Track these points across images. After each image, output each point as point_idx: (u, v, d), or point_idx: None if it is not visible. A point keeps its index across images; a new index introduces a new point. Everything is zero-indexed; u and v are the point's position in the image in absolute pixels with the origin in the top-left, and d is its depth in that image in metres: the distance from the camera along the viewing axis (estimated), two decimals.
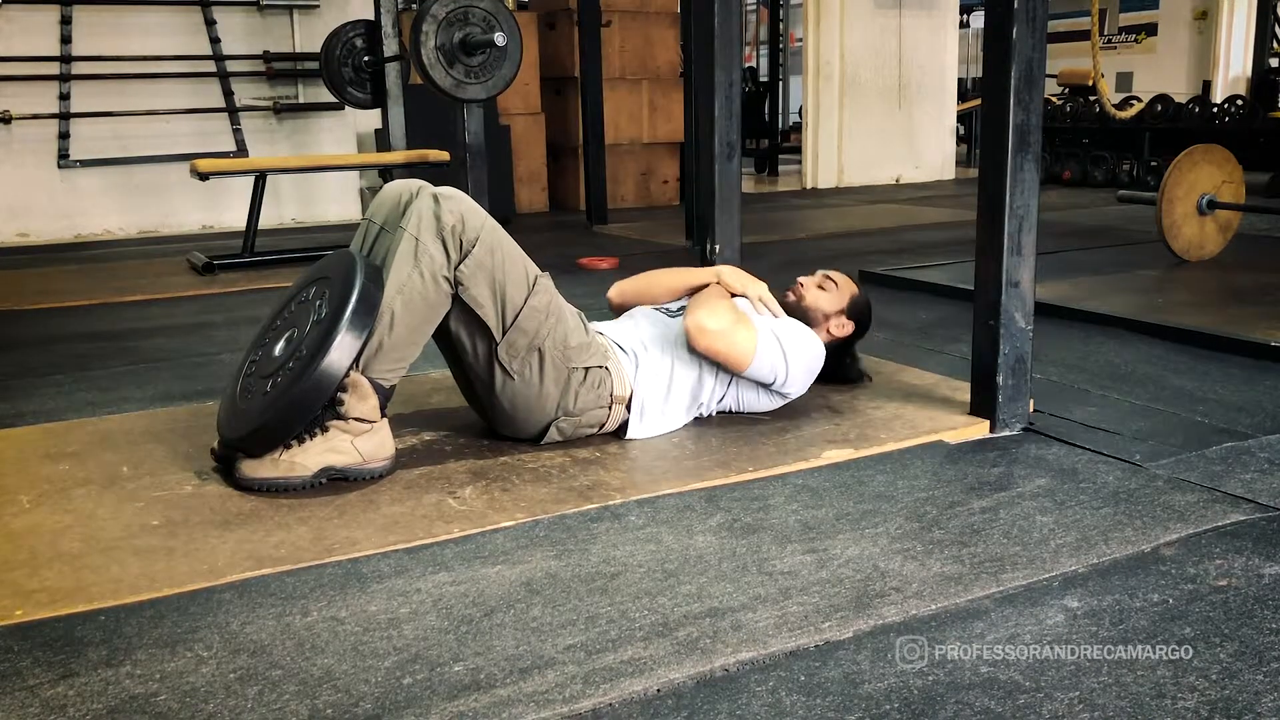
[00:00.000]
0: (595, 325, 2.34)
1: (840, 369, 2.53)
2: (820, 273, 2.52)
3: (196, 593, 1.59)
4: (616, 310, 2.55)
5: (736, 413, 2.37)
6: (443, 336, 2.13)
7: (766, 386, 2.30)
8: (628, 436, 2.25)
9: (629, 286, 2.55)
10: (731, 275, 2.42)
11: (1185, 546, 1.71)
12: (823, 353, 2.38)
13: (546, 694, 1.31)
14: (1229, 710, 1.26)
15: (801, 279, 2.50)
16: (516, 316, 2.06)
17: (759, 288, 2.41)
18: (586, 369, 2.15)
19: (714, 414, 2.37)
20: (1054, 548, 1.71)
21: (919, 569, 1.64)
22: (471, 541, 1.76)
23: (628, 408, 2.23)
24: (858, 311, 2.50)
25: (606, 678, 1.34)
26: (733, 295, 2.37)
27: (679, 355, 2.27)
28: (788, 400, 2.38)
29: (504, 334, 2.07)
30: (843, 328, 2.47)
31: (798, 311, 2.43)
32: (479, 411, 2.28)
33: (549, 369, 2.11)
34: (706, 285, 2.40)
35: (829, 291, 2.47)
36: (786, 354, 2.27)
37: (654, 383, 2.24)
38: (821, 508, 1.89)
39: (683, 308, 2.39)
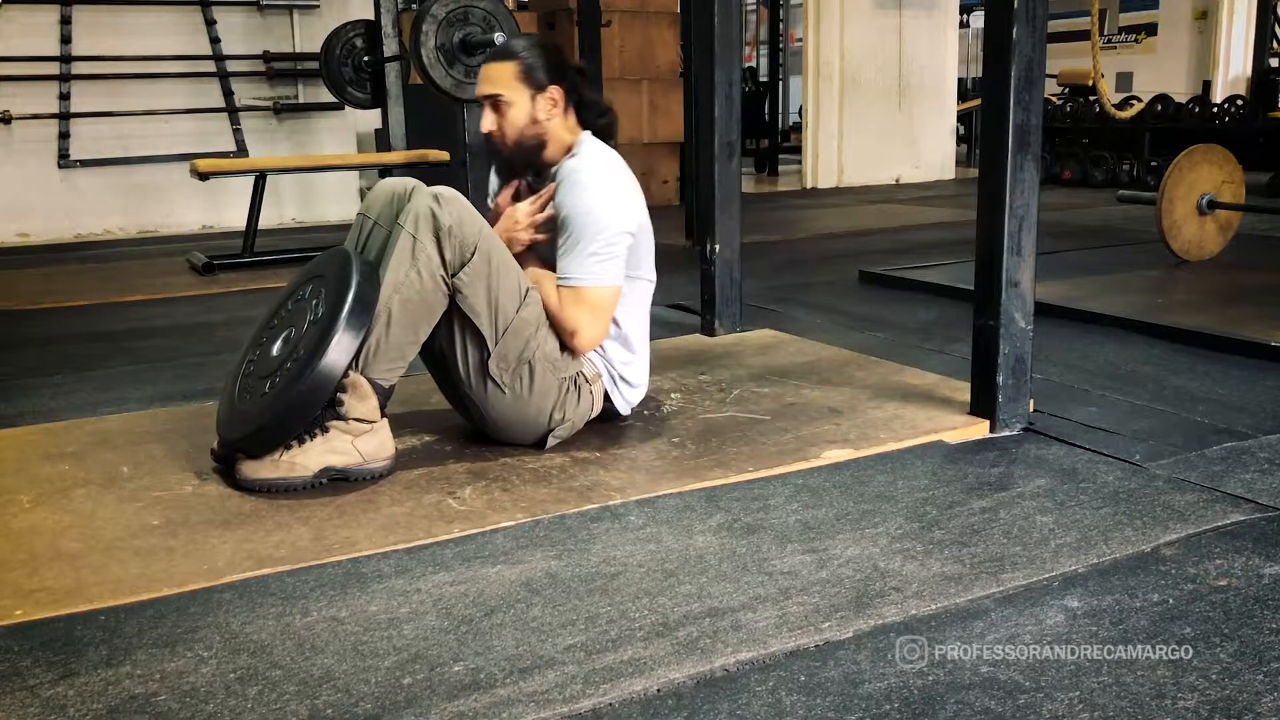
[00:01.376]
0: None
1: (595, 113, 2.28)
2: (480, 95, 2.22)
3: (196, 593, 1.59)
4: None
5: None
6: (430, 350, 2.11)
7: (637, 256, 2.21)
8: (619, 411, 2.28)
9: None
10: (508, 239, 2.17)
11: (1185, 546, 1.71)
12: (600, 176, 2.15)
13: (546, 694, 1.31)
14: (1229, 710, 1.26)
15: (481, 127, 2.23)
16: (508, 327, 2.06)
17: (522, 224, 2.19)
18: (573, 377, 2.16)
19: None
20: (1054, 548, 1.71)
21: (919, 569, 1.64)
22: (471, 541, 1.76)
23: (601, 380, 2.24)
24: (544, 69, 2.17)
25: (606, 678, 1.34)
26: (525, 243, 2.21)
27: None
28: (647, 224, 2.24)
29: (496, 344, 2.06)
30: (554, 101, 2.18)
31: (524, 152, 2.20)
32: (468, 420, 2.27)
33: (539, 382, 2.10)
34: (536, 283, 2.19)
35: (508, 104, 2.17)
36: (605, 240, 2.12)
37: (596, 354, 2.24)
38: (821, 508, 1.89)
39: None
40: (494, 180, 2.41)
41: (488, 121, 2.20)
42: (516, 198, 2.29)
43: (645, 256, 2.28)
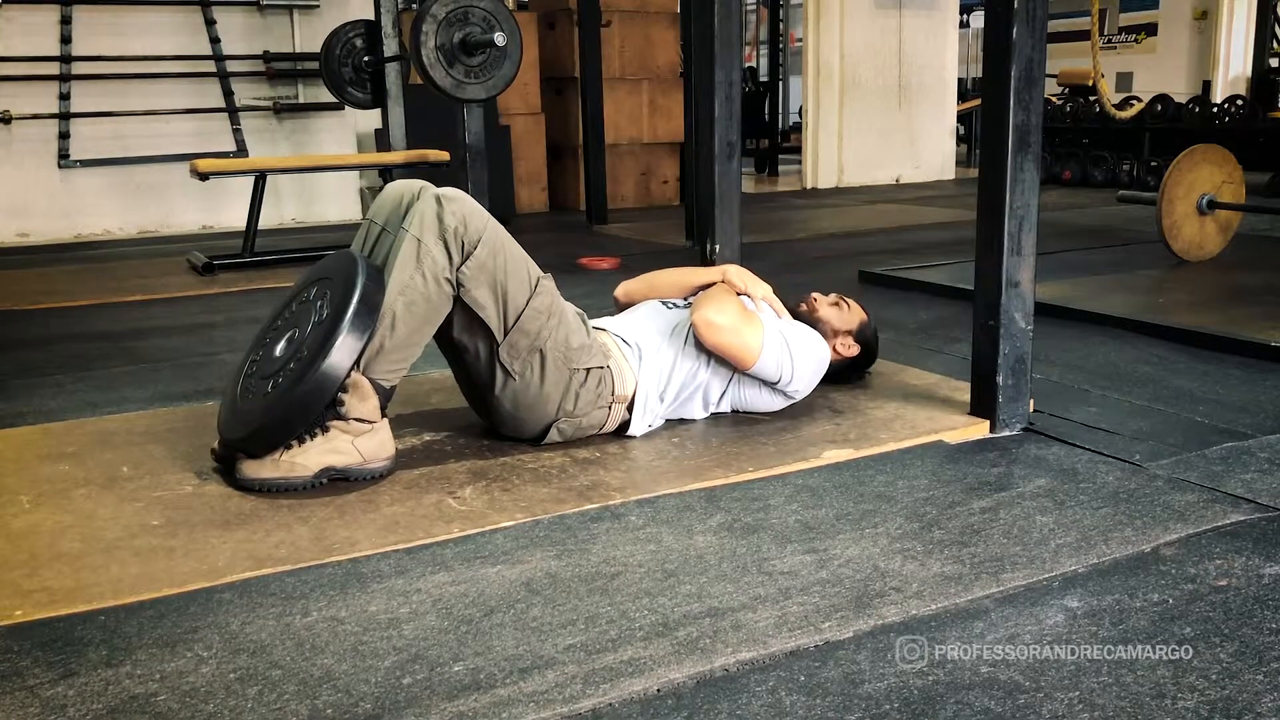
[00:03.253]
0: (599, 321, 2.34)
1: (846, 376, 2.58)
2: (836, 294, 2.56)
3: (196, 593, 1.59)
4: (621, 308, 2.56)
5: (739, 412, 2.37)
6: (444, 337, 2.13)
7: (771, 385, 2.30)
8: (629, 433, 2.25)
9: (635, 285, 2.57)
10: (737, 274, 2.43)
11: (1185, 546, 1.71)
12: (828, 357, 2.40)
13: (546, 694, 1.31)
14: (1229, 710, 1.26)
15: (815, 294, 2.53)
16: (518, 318, 2.06)
17: (764, 288, 2.43)
18: (588, 370, 2.15)
19: (713, 413, 2.37)
20: (1054, 548, 1.71)
21: (919, 569, 1.64)
22: (471, 541, 1.76)
23: (629, 408, 2.23)
24: (865, 337, 2.53)
25: (606, 678, 1.34)
26: (738, 294, 2.38)
27: (681, 348, 2.27)
28: (791, 401, 2.38)
29: (505, 335, 2.07)
30: (849, 348, 2.50)
31: (808, 322, 2.45)
32: (479, 411, 2.28)
33: (550, 370, 2.11)
34: (712, 284, 2.41)
35: (841, 311, 2.50)
36: (793, 353, 2.28)
37: (655, 375, 2.25)
38: (821, 508, 1.89)
39: (689, 303, 2.40)
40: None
41: (822, 297, 2.52)
42: None
43: (753, 396, 2.35)
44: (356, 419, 1.99)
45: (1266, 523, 1.80)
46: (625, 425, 2.25)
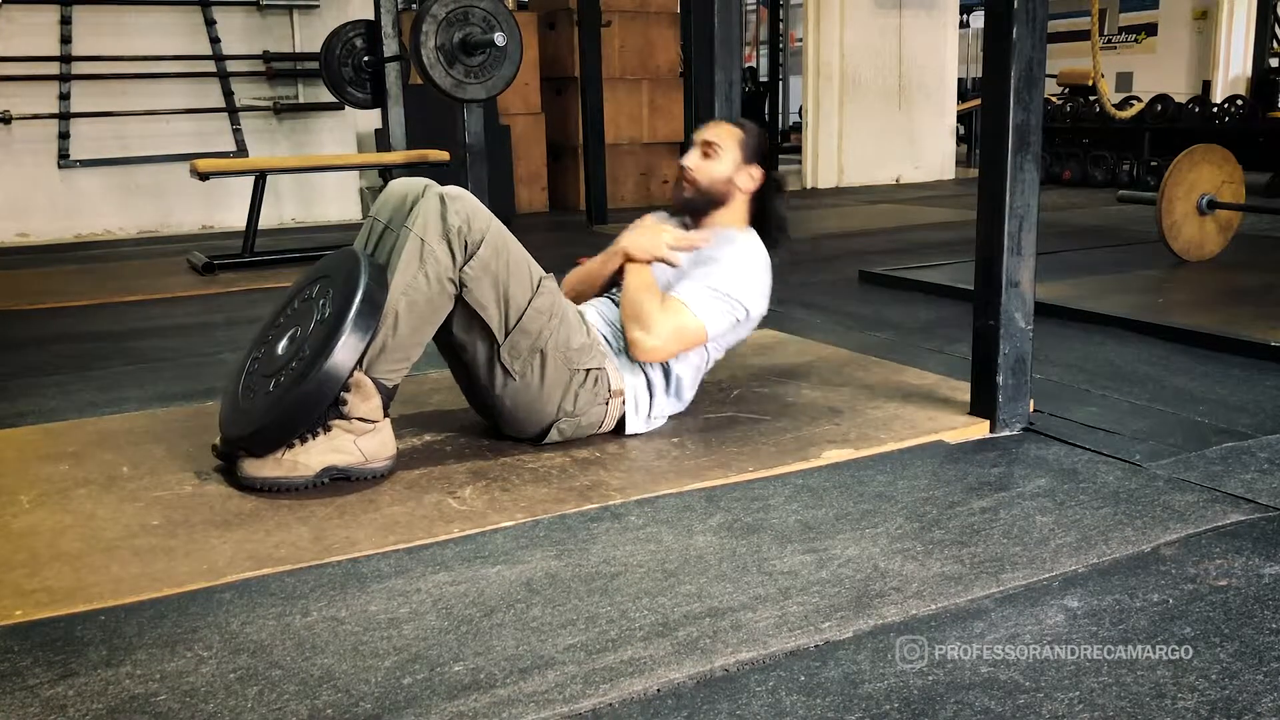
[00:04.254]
0: (579, 306, 2.30)
1: (772, 219, 2.40)
2: (698, 139, 2.37)
3: (196, 593, 1.59)
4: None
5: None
6: (444, 338, 2.13)
7: (738, 323, 2.28)
8: (628, 431, 2.25)
9: (569, 290, 2.44)
10: (635, 246, 2.27)
11: (1185, 546, 1.71)
12: (757, 256, 2.30)
13: (546, 694, 1.31)
14: (1229, 710, 1.26)
15: (684, 161, 2.35)
16: (520, 318, 2.06)
17: (663, 240, 2.26)
18: (588, 370, 2.15)
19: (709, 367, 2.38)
20: (1054, 548, 1.71)
21: (919, 569, 1.64)
22: (471, 541, 1.76)
23: (623, 402, 2.23)
24: (755, 150, 2.36)
25: (606, 678, 1.34)
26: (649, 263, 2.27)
27: None
28: (762, 314, 2.33)
29: (506, 335, 2.07)
30: (752, 179, 2.35)
31: (705, 199, 2.33)
32: (479, 411, 2.28)
33: (550, 370, 2.11)
34: (619, 269, 2.29)
35: (717, 155, 2.33)
36: (730, 295, 2.22)
37: (635, 375, 2.25)
38: (821, 508, 1.89)
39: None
40: (653, 216, 2.46)
41: (693, 158, 2.34)
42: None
43: (728, 344, 2.35)
44: (359, 418, 1.99)
45: (1266, 523, 1.80)
46: (623, 422, 2.25)
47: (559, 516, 1.86)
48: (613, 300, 2.36)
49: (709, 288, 2.22)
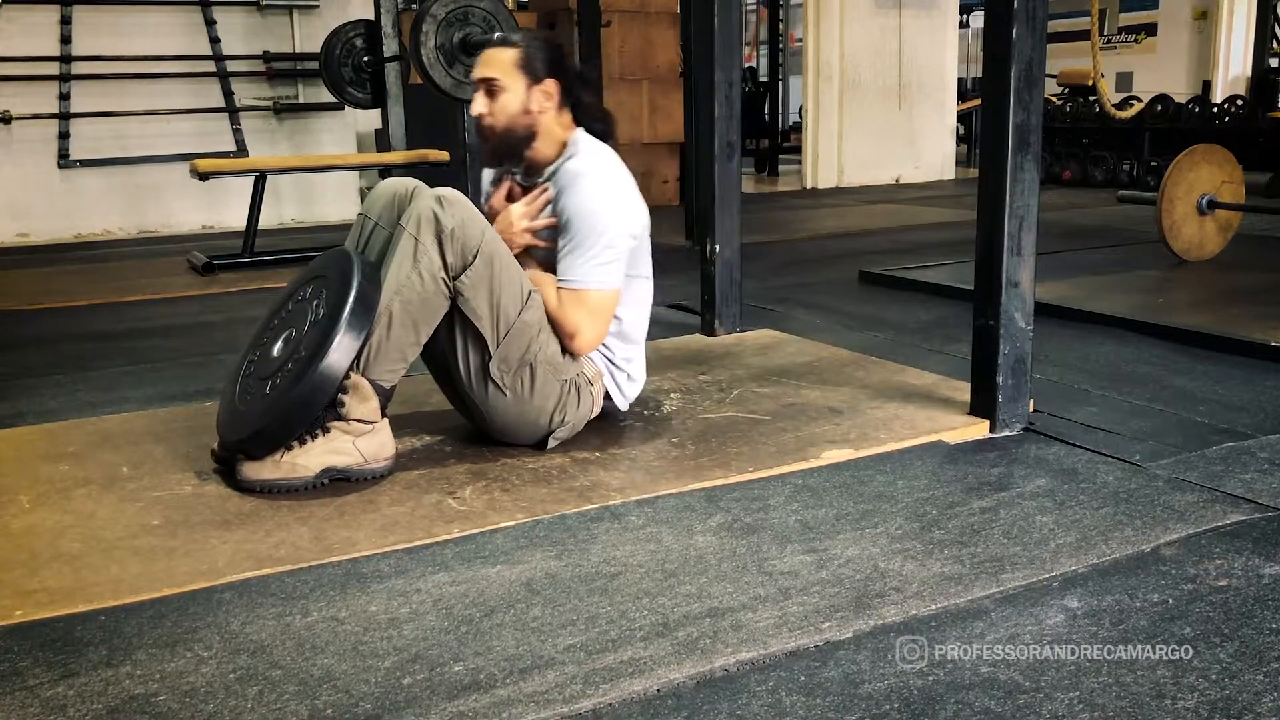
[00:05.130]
0: None
1: (594, 117, 2.27)
2: (476, 79, 2.20)
3: (196, 593, 1.59)
4: None
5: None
6: (431, 351, 2.12)
7: (639, 262, 2.25)
8: (618, 405, 2.29)
9: None
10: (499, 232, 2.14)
11: (1185, 546, 1.71)
12: (602, 178, 2.17)
13: (546, 694, 1.31)
14: (1229, 710, 1.26)
15: (473, 109, 2.20)
16: (510, 329, 2.05)
17: (519, 227, 2.17)
18: (573, 379, 2.16)
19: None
20: (1054, 548, 1.71)
21: (919, 569, 1.64)
22: (471, 541, 1.76)
23: (603, 380, 2.25)
24: (543, 62, 2.16)
25: (606, 678, 1.34)
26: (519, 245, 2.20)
27: None
28: (647, 225, 2.26)
29: (497, 347, 2.05)
30: (548, 94, 2.17)
31: (511, 141, 2.18)
32: (470, 420, 2.28)
33: (540, 384, 2.10)
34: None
35: (501, 89, 2.14)
36: (606, 244, 2.13)
37: (601, 355, 2.26)
38: (821, 508, 1.89)
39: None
40: (487, 176, 2.39)
41: (479, 104, 2.17)
42: (510, 198, 2.26)
43: (644, 256, 2.31)
44: (357, 419, 1.99)
45: (1266, 523, 1.80)
46: (611, 407, 2.28)
47: (559, 516, 1.86)
48: None
49: (585, 253, 2.11)
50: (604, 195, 2.16)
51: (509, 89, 2.15)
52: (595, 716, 1.27)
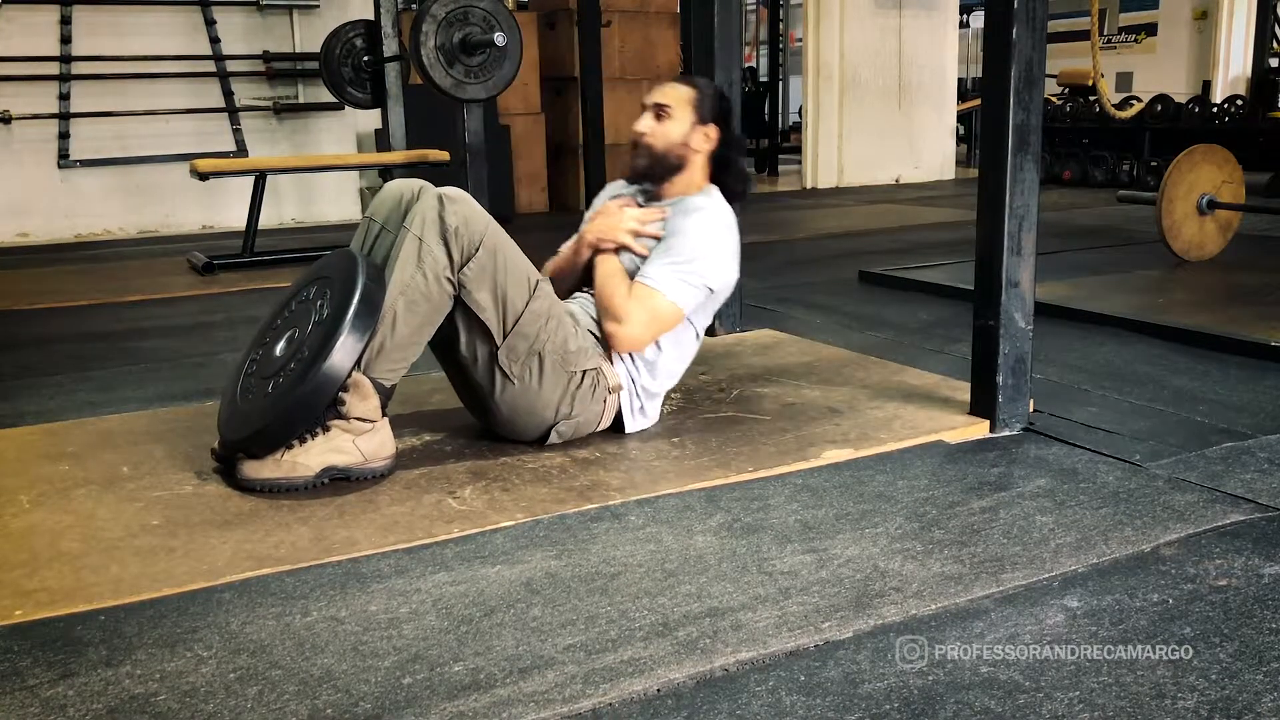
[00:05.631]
0: (565, 304, 2.26)
1: (734, 175, 2.35)
2: (650, 103, 2.30)
3: (196, 593, 1.59)
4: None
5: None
6: (441, 343, 2.12)
7: (711, 296, 2.27)
8: (626, 427, 2.26)
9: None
10: (598, 236, 2.26)
11: (1185, 546, 1.71)
12: (721, 223, 2.25)
13: (546, 694, 1.31)
14: (1229, 710, 1.26)
15: (637, 126, 2.29)
16: (517, 320, 2.06)
17: (625, 227, 2.25)
18: (584, 371, 2.15)
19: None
20: (1054, 548, 1.71)
21: (919, 569, 1.64)
22: (471, 541, 1.76)
23: (619, 397, 2.23)
24: (710, 109, 2.29)
25: (606, 678, 1.34)
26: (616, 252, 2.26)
27: None
28: (730, 285, 2.31)
29: (505, 338, 2.06)
30: (708, 138, 2.29)
31: (661, 164, 2.28)
32: (477, 416, 2.28)
33: (548, 373, 2.11)
34: (588, 261, 2.28)
35: (670, 117, 2.26)
36: (697, 271, 2.19)
37: (625, 366, 2.25)
38: (821, 508, 1.89)
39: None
40: (609, 191, 2.45)
41: (645, 124, 2.28)
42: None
43: (709, 313, 2.33)
44: (357, 418, 1.99)
45: (1266, 523, 1.80)
46: (620, 418, 2.25)
47: (559, 516, 1.86)
48: (591, 295, 2.32)
49: (673, 265, 2.18)
50: (712, 234, 2.24)
51: (676, 119, 2.27)
52: (595, 716, 1.28)
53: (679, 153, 2.28)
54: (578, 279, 2.35)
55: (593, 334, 2.25)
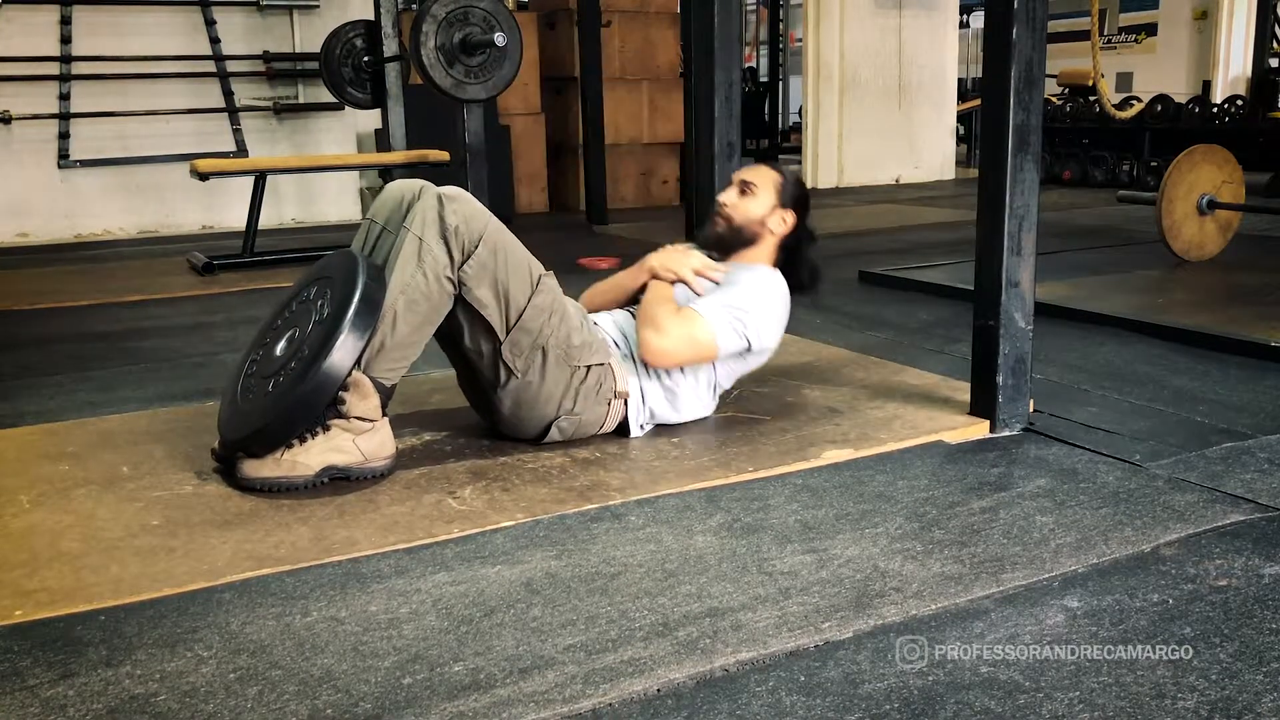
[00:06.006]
0: (594, 317, 2.34)
1: (803, 265, 2.45)
2: (736, 178, 2.41)
3: (196, 593, 1.59)
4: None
5: (731, 390, 2.38)
6: (446, 337, 2.13)
7: (748, 350, 2.28)
8: (631, 435, 2.25)
9: (589, 302, 2.49)
10: (662, 264, 2.33)
11: (1185, 546, 1.71)
12: (777, 290, 2.31)
13: (546, 694, 1.31)
14: (1229, 710, 1.26)
15: (721, 197, 2.40)
16: (520, 316, 2.06)
17: (690, 264, 2.32)
18: (588, 367, 2.15)
19: (715, 404, 2.37)
20: (1054, 548, 1.71)
21: (919, 569, 1.64)
22: (471, 541, 1.76)
23: (626, 404, 2.23)
24: (791, 196, 2.39)
25: (606, 678, 1.34)
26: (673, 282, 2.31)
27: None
28: (770, 352, 2.35)
29: (508, 333, 2.07)
30: (784, 222, 2.38)
31: (736, 236, 2.36)
32: (479, 410, 2.28)
33: (551, 368, 2.11)
34: (643, 285, 2.34)
35: (753, 195, 2.36)
36: (744, 319, 2.22)
37: (640, 380, 2.25)
38: (821, 508, 1.89)
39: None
40: (683, 246, 2.47)
41: (730, 196, 2.38)
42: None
43: (735, 372, 2.35)
44: (358, 417, 1.99)
45: (1266, 523, 1.80)
46: (624, 424, 2.25)
47: (559, 516, 1.86)
48: (631, 313, 2.37)
49: (724, 305, 2.22)
50: (768, 295, 2.29)
51: (759, 198, 2.36)
52: (595, 716, 1.28)
53: (755, 229, 2.36)
54: (624, 301, 2.42)
55: (615, 342, 2.26)
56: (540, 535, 1.78)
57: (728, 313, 2.21)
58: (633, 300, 2.40)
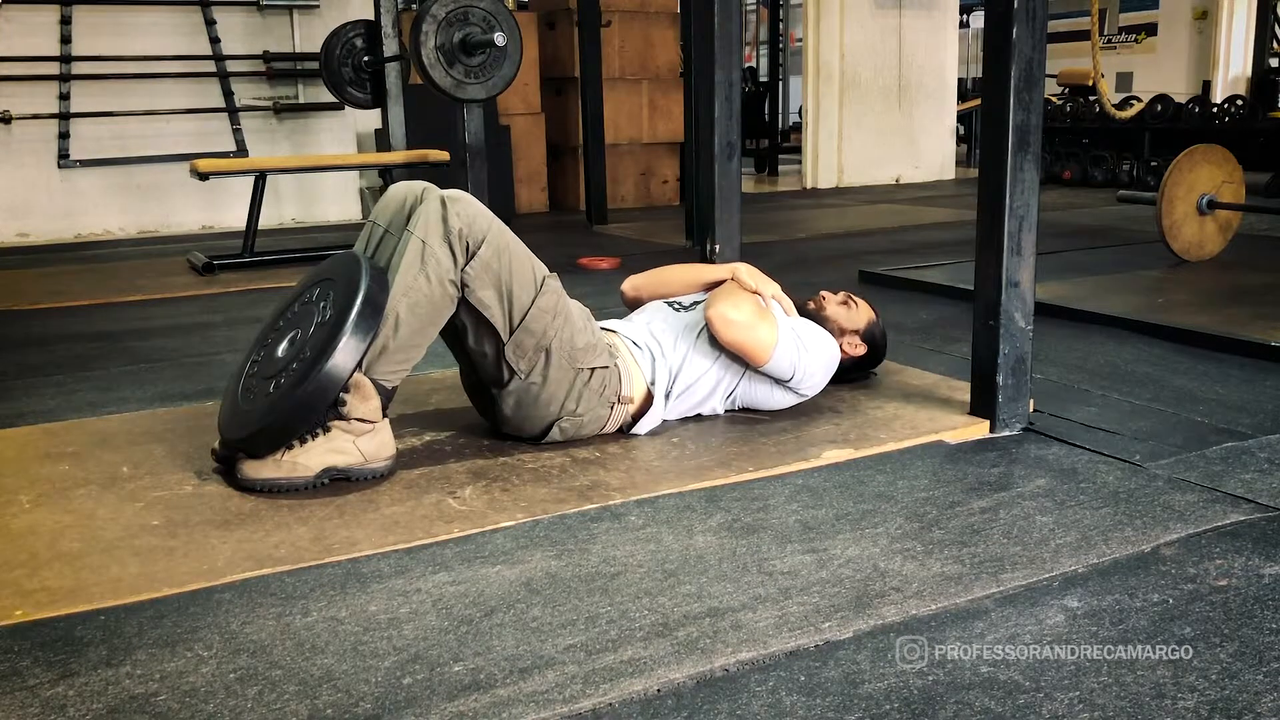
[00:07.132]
0: (609, 323, 2.35)
1: (845, 374, 2.54)
2: (845, 293, 2.57)
3: (196, 593, 1.59)
4: (630, 304, 2.57)
5: (746, 409, 2.38)
6: (451, 335, 2.13)
7: (782, 383, 2.30)
8: (633, 431, 2.25)
9: (643, 281, 2.58)
10: (747, 273, 2.43)
11: (1185, 546, 1.71)
12: (838, 356, 2.41)
13: (546, 694, 1.31)
14: (1229, 710, 1.26)
15: (825, 292, 2.55)
16: (524, 317, 2.07)
17: (774, 287, 2.43)
18: (592, 370, 2.16)
19: (722, 413, 2.37)
20: (1054, 548, 1.71)
21: (919, 569, 1.64)
22: (471, 541, 1.76)
23: (634, 412, 2.23)
24: (873, 336, 2.55)
25: (606, 678, 1.34)
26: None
27: (693, 347, 2.29)
28: (801, 399, 2.38)
29: (511, 334, 2.07)
30: (855, 347, 2.51)
31: (815, 320, 2.46)
32: (481, 410, 2.29)
33: (555, 369, 2.11)
34: (722, 281, 2.42)
35: (849, 309, 2.52)
36: (805, 351, 2.29)
37: (666, 376, 2.27)
38: (821, 508, 1.89)
39: (696, 303, 2.41)
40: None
41: (832, 297, 2.53)
42: None
43: (757, 400, 2.37)
44: (358, 419, 1.99)
45: (1266, 523, 1.80)
46: (627, 425, 2.25)
47: (559, 516, 1.86)
48: (672, 308, 2.41)
49: (794, 331, 2.31)
50: (827, 353, 2.38)
51: (850, 319, 2.51)
52: (595, 716, 1.28)
53: (830, 330, 2.45)
54: (681, 288, 2.52)
55: (635, 344, 2.27)
56: (540, 535, 1.78)
57: (794, 339, 2.29)
58: (688, 292, 2.51)
